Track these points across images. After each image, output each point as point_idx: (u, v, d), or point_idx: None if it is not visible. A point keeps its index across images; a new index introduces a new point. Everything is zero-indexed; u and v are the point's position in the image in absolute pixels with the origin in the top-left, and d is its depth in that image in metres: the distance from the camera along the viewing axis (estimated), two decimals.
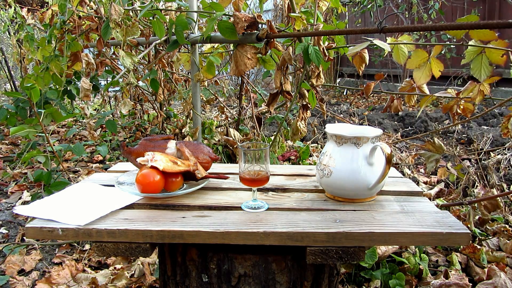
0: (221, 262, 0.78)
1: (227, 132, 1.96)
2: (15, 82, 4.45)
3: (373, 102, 5.38)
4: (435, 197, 1.98)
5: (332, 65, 6.86)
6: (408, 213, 0.79)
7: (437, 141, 1.44)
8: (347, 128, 0.89)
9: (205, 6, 1.50)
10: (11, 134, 1.60)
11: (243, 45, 1.41)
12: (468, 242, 0.71)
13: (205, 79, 1.71)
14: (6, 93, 2.19)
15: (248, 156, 0.81)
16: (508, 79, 4.56)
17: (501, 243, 1.55)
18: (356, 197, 0.85)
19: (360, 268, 1.38)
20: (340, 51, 1.47)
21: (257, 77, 5.03)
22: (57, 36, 2.04)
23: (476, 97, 1.26)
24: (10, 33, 3.92)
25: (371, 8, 5.05)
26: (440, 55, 1.40)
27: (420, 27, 1.05)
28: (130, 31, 1.54)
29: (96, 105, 4.72)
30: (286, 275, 0.78)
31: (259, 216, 0.78)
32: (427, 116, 3.81)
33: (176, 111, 3.19)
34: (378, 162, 0.82)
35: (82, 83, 1.65)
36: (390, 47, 1.32)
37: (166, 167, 0.87)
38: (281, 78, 1.41)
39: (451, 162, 2.43)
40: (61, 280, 1.43)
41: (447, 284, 1.29)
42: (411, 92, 1.45)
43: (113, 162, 2.74)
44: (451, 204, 1.65)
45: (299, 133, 1.50)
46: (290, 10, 1.40)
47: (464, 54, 1.24)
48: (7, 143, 3.40)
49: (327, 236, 0.70)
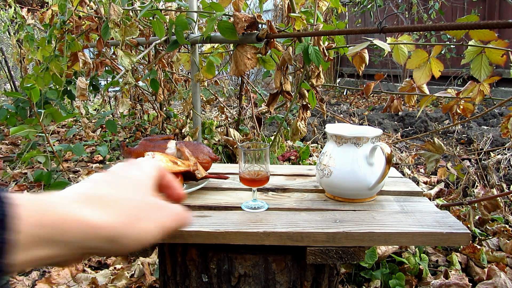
0: (221, 262, 0.78)
1: (227, 132, 1.96)
2: (15, 82, 4.45)
3: (373, 102, 5.38)
4: (435, 197, 1.98)
5: (332, 65, 6.86)
6: (408, 213, 0.79)
7: (437, 141, 1.44)
8: (347, 128, 0.89)
9: (205, 6, 1.50)
10: (11, 134, 1.60)
11: (243, 45, 1.41)
12: (468, 242, 0.71)
13: (205, 79, 1.71)
14: (6, 93, 2.19)
15: (248, 156, 0.81)
16: (508, 79, 4.56)
17: (501, 243, 1.55)
18: (356, 197, 0.85)
19: (360, 268, 1.38)
20: (340, 51, 1.47)
21: (257, 77, 5.03)
22: (57, 36, 2.04)
23: (476, 97, 1.26)
24: (10, 33, 3.93)
25: (371, 8, 5.05)
26: (440, 55, 1.40)
27: (420, 27, 1.05)
28: (128, 31, 1.54)
29: (96, 105, 4.72)
30: (286, 275, 0.78)
31: (259, 216, 0.78)
32: (427, 116, 3.81)
33: (176, 111, 3.19)
34: (378, 162, 0.82)
35: (79, 82, 1.65)
36: (390, 47, 1.32)
37: (166, 167, 0.87)
38: (281, 78, 1.41)
39: (451, 162, 2.43)
40: (61, 280, 1.43)
41: (447, 284, 1.29)
42: (411, 92, 1.45)
43: (113, 162, 2.74)
44: (451, 204, 1.65)
45: (299, 133, 1.50)
46: (290, 10, 1.40)
47: (464, 54, 1.25)
48: (7, 143, 3.40)
49: (327, 236, 0.70)
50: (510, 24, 0.89)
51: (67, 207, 0.34)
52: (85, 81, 1.68)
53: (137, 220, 0.37)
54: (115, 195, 0.38)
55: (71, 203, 0.35)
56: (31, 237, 0.31)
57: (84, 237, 0.34)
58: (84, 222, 0.34)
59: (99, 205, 0.36)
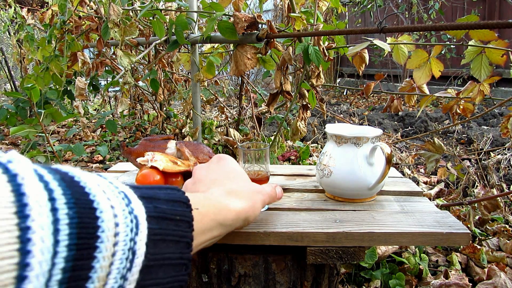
0: (221, 262, 0.78)
1: (227, 132, 1.96)
2: (15, 82, 4.45)
3: (373, 102, 5.38)
4: (435, 197, 1.98)
5: (332, 65, 6.86)
6: (408, 213, 0.79)
7: (437, 141, 1.44)
8: (347, 128, 0.89)
9: (205, 6, 1.50)
10: (11, 134, 1.60)
11: (243, 45, 1.41)
12: (468, 242, 0.71)
13: (205, 79, 1.71)
14: (6, 93, 2.19)
15: (248, 156, 0.81)
16: (508, 79, 4.56)
17: (501, 243, 1.55)
18: (356, 197, 0.85)
19: (360, 268, 1.38)
20: (340, 51, 1.47)
21: (257, 77, 5.03)
22: (57, 36, 2.04)
23: (476, 97, 1.26)
24: (10, 33, 3.93)
25: (371, 8, 5.05)
26: (440, 55, 1.40)
27: (420, 27, 1.05)
28: (128, 31, 1.54)
29: (96, 105, 4.72)
30: (286, 275, 0.78)
31: (259, 216, 0.78)
32: (427, 116, 3.81)
33: (176, 111, 3.19)
34: (378, 162, 0.82)
35: (77, 82, 1.65)
36: (390, 47, 1.32)
37: (166, 167, 0.87)
38: (281, 78, 1.41)
39: (451, 162, 2.43)
40: None
41: (447, 284, 1.29)
42: (411, 92, 1.45)
43: (113, 162, 2.74)
44: (451, 204, 1.65)
45: (299, 133, 1.50)
46: (290, 10, 1.40)
47: (464, 54, 1.25)
48: (7, 143, 3.40)
49: (327, 236, 0.70)
50: (510, 24, 0.89)
51: (220, 199, 0.50)
52: (84, 81, 1.68)
53: (254, 203, 0.54)
54: (240, 187, 0.55)
55: (221, 196, 0.51)
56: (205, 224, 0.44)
57: (234, 219, 0.49)
58: (232, 209, 0.49)
59: (236, 196, 0.52)
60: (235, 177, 0.58)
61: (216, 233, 0.46)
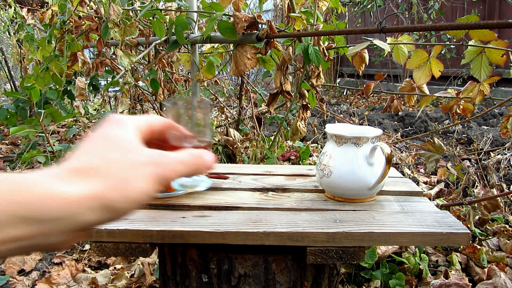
0: (221, 262, 0.78)
1: (227, 132, 1.96)
2: (15, 82, 4.45)
3: (373, 102, 5.38)
4: (435, 197, 1.98)
5: (332, 65, 6.86)
6: (408, 213, 0.79)
7: (437, 141, 1.44)
8: (347, 128, 0.89)
9: (205, 6, 1.50)
10: (11, 134, 1.60)
11: (243, 45, 1.41)
12: (468, 242, 0.71)
13: (205, 79, 1.71)
14: (6, 93, 2.19)
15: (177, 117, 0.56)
16: (508, 79, 4.56)
17: (501, 243, 1.55)
18: (356, 197, 0.85)
19: (360, 268, 1.38)
20: (340, 51, 1.47)
21: (257, 77, 5.03)
22: (57, 36, 2.04)
23: (476, 97, 1.26)
24: (10, 33, 3.93)
25: (371, 8, 5.06)
26: (440, 55, 1.40)
27: (420, 27, 1.05)
28: (128, 31, 1.54)
29: (96, 105, 4.72)
30: (286, 275, 0.79)
31: (259, 216, 0.78)
32: (427, 116, 3.81)
33: None
34: (378, 162, 0.82)
35: (78, 82, 1.65)
36: (390, 47, 1.32)
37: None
38: (281, 78, 1.41)
39: (451, 162, 2.43)
40: (61, 280, 1.43)
41: (447, 284, 1.30)
42: (411, 92, 1.45)
43: None
44: (451, 204, 1.65)
45: (299, 133, 1.50)
46: (290, 10, 1.40)
47: (464, 54, 1.25)
48: (7, 143, 3.40)
49: (327, 236, 0.70)
50: (510, 24, 0.89)
51: (46, 185, 0.33)
52: (84, 81, 1.68)
53: (125, 181, 0.36)
54: (98, 162, 0.37)
55: (51, 180, 0.34)
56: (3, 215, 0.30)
57: (67, 212, 0.33)
58: (64, 197, 0.33)
59: (85, 175, 0.35)
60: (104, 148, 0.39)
61: (21, 232, 0.31)
